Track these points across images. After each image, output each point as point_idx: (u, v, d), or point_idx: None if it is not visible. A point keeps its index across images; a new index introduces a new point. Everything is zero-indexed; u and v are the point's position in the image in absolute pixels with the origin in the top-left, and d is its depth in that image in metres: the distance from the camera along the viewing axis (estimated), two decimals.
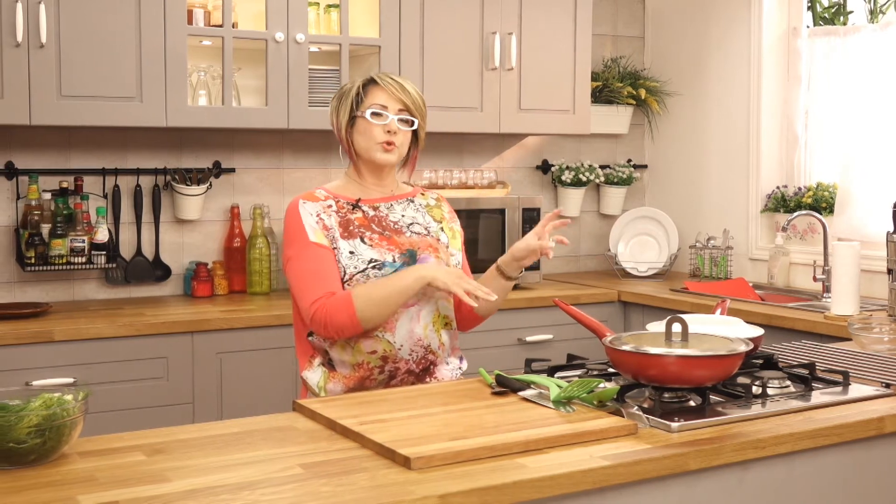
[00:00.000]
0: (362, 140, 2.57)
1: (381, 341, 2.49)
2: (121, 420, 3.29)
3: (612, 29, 5.11)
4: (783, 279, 4.43)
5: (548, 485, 1.74)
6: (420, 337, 2.53)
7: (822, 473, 2.11)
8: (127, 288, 4.02)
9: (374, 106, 2.55)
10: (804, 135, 4.58)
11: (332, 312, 2.42)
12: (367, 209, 2.60)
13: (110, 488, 1.66)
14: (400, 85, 2.57)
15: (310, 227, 2.52)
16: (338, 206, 2.57)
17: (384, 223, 2.58)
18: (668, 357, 2.10)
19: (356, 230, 2.54)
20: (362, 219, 2.57)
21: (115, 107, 3.60)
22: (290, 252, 2.53)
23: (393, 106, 2.56)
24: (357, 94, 2.56)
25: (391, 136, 2.55)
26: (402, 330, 2.51)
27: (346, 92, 2.60)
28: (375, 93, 2.56)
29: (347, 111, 2.57)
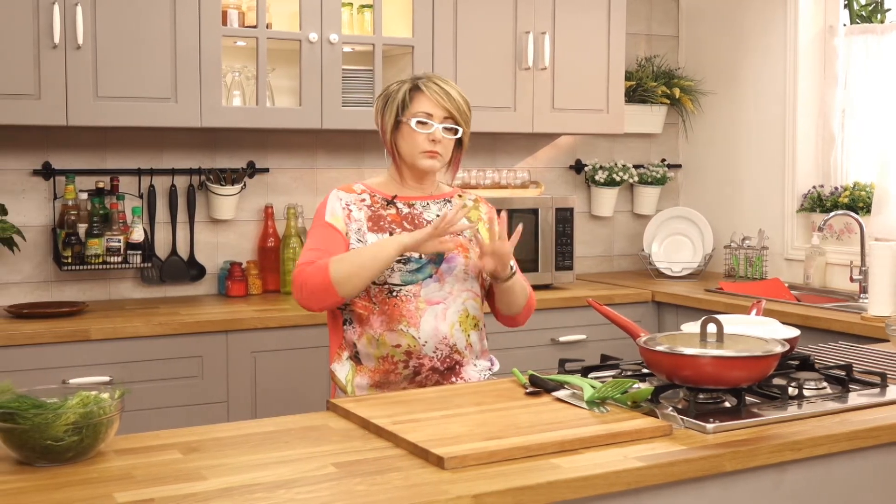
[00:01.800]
0: (406, 146, 2.59)
1: (406, 335, 2.51)
2: (156, 418, 3.31)
3: (646, 28, 5.08)
4: (819, 279, 4.38)
5: (582, 485, 1.73)
6: (445, 335, 2.55)
7: (860, 475, 2.09)
8: (162, 287, 4.05)
9: (419, 114, 2.55)
10: (840, 134, 4.53)
11: (310, 275, 2.46)
12: (402, 206, 2.62)
13: (146, 486, 1.67)
14: (445, 92, 2.57)
15: (330, 211, 2.58)
16: (372, 201, 2.61)
17: (417, 221, 2.61)
18: (703, 358, 2.09)
19: (387, 225, 2.57)
20: (395, 215, 2.60)
21: (150, 107, 3.63)
22: (308, 232, 2.62)
23: (438, 114, 2.56)
24: (403, 100, 2.57)
25: (435, 144, 2.57)
26: (426, 326, 2.52)
27: (392, 95, 2.60)
28: (421, 100, 2.57)
29: (393, 115, 2.58)
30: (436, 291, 2.55)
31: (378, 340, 2.53)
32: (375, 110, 2.66)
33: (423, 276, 2.54)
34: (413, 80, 2.62)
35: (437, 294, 2.54)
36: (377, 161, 4.41)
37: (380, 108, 2.63)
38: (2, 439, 1.77)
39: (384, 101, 2.62)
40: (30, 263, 3.84)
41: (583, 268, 4.86)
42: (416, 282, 2.53)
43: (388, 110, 2.60)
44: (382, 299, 2.53)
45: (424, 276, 2.54)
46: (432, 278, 2.54)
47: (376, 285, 2.53)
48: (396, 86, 2.62)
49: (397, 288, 2.52)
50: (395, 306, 2.52)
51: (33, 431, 1.74)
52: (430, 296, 2.54)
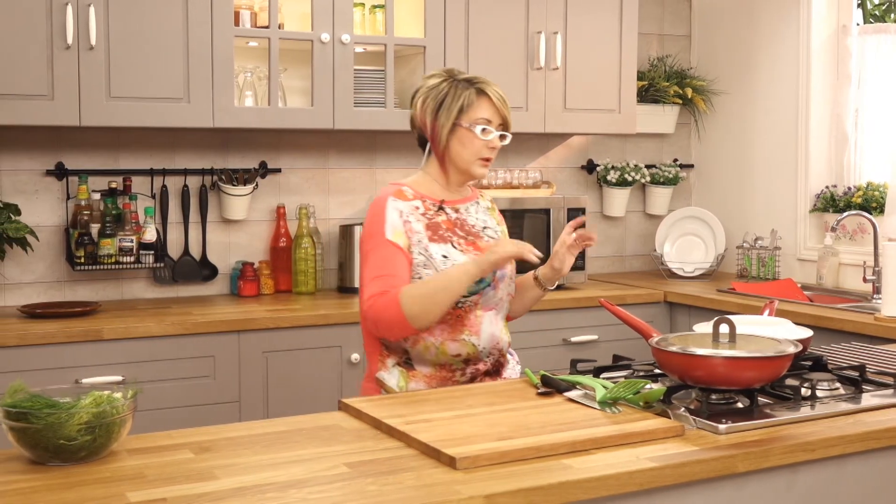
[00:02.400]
0: (463, 151, 2.53)
1: (467, 344, 2.50)
2: (168, 418, 3.32)
3: (658, 28, 5.07)
4: (832, 280, 4.37)
5: (594, 486, 1.73)
6: (498, 339, 2.56)
7: (873, 476, 2.08)
8: (174, 287, 4.06)
9: (481, 121, 2.51)
10: (854, 134, 4.52)
11: (381, 310, 2.40)
12: (450, 211, 2.58)
13: (159, 485, 1.68)
14: (503, 98, 2.54)
15: (390, 225, 2.47)
16: (424, 208, 2.55)
17: (466, 227, 2.58)
18: (715, 358, 2.08)
19: (445, 234, 2.53)
20: (448, 222, 2.56)
21: (162, 108, 3.64)
22: (366, 247, 2.50)
23: (496, 120, 2.54)
24: (465, 104, 2.50)
25: (492, 151, 2.54)
26: (485, 333, 2.52)
27: (449, 97, 2.51)
28: (484, 105, 2.52)
29: (451, 119, 2.50)
30: (491, 298, 2.55)
31: (438, 349, 2.49)
32: (423, 110, 2.55)
33: (485, 285, 2.52)
34: (470, 83, 2.54)
35: (493, 300, 2.55)
36: (388, 161, 4.41)
37: (431, 107, 2.53)
38: (15, 439, 1.78)
39: (438, 101, 2.52)
40: (43, 263, 3.85)
41: (595, 268, 4.85)
42: (478, 291, 2.51)
43: (444, 112, 2.51)
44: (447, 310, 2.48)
45: (485, 286, 2.52)
46: (490, 286, 2.53)
47: None
48: (448, 86, 2.53)
49: (462, 300, 2.49)
50: (459, 317, 2.50)
51: (46, 431, 1.75)
52: (487, 302, 2.54)
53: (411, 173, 4.52)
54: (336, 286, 4.26)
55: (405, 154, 4.45)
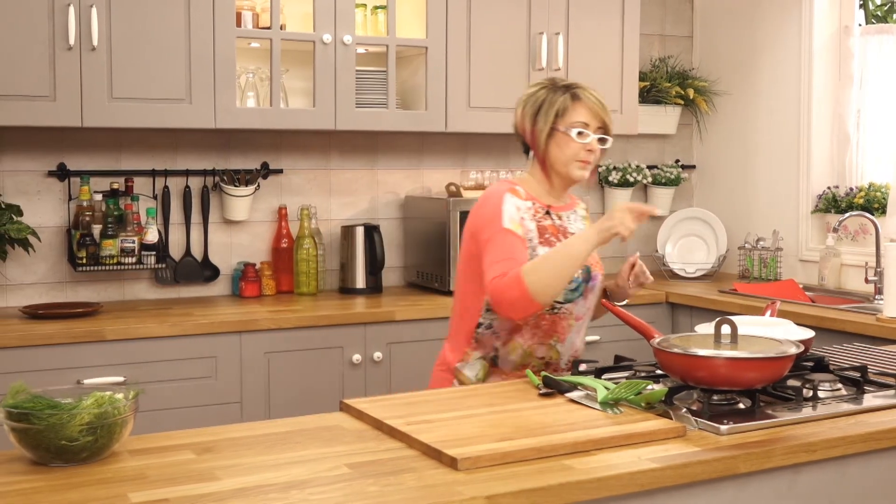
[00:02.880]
0: (561, 155, 2.57)
1: (553, 350, 2.58)
2: (170, 419, 3.31)
3: (659, 28, 5.07)
4: (834, 281, 4.37)
5: (595, 487, 1.73)
6: (577, 348, 2.65)
7: (875, 477, 2.08)
8: (176, 288, 4.06)
9: (577, 124, 2.55)
10: (856, 134, 4.52)
11: (504, 289, 2.40)
12: (555, 217, 2.63)
13: (160, 486, 1.68)
14: (601, 102, 2.58)
15: (507, 215, 2.51)
16: (534, 210, 2.59)
17: (567, 235, 2.61)
18: (717, 359, 2.08)
19: (551, 238, 2.57)
20: (552, 227, 2.60)
21: (164, 109, 3.64)
22: (483, 236, 2.52)
23: (593, 124, 2.57)
24: (560, 108, 2.55)
25: (589, 154, 2.57)
26: (569, 341, 2.60)
27: (546, 102, 2.57)
28: (579, 109, 2.56)
29: (549, 123, 2.55)
30: (581, 307, 2.61)
31: (525, 351, 2.56)
32: (522, 116, 2.61)
33: (578, 294, 2.58)
34: (567, 88, 2.59)
35: (581, 310, 2.61)
36: (390, 162, 4.41)
37: (530, 113, 2.59)
38: (17, 439, 1.78)
39: (535, 107, 2.58)
40: (45, 264, 3.85)
41: None
42: (573, 300, 2.57)
43: (542, 117, 2.56)
44: (543, 314, 2.53)
45: (579, 295, 2.58)
46: (582, 296, 2.60)
47: None
48: (546, 93, 2.58)
49: (558, 306, 2.54)
50: (553, 323, 2.56)
51: (48, 432, 1.75)
52: (578, 312, 2.60)
53: (412, 174, 4.55)
54: (338, 287, 4.26)
55: (407, 155, 4.45)
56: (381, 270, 4.21)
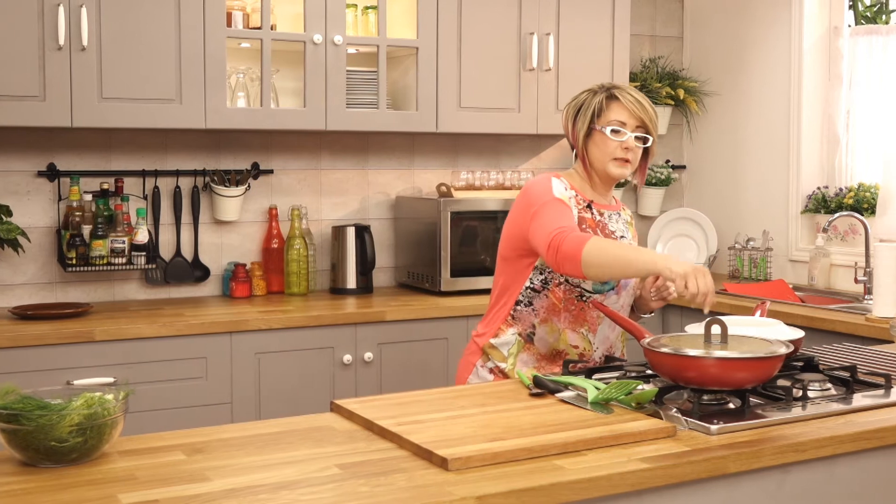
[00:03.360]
0: (598, 153, 2.64)
1: (585, 339, 2.64)
2: (160, 419, 3.31)
3: (650, 29, 5.08)
4: (824, 281, 4.38)
5: (586, 487, 1.73)
6: (612, 343, 2.70)
7: (864, 477, 2.09)
8: (166, 288, 4.05)
9: (613, 123, 2.61)
10: (845, 135, 4.53)
11: (567, 242, 2.43)
12: (596, 213, 2.69)
13: (151, 487, 1.67)
14: (639, 102, 2.63)
15: (557, 190, 2.59)
16: (577, 201, 2.65)
17: (606, 231, 2.68)
18: (707, 359, 2.09)
19: (587, 229, 2.63)
20: (591, 221, 2.66)
21: (154, 109, 3.63)
22: (535, 208, 2.57)
23: (631, 123, 2.63)
24: (597, 108, 2.63)
25: (627, 152, 2.62)
26: (601, 334, 2.66)
27: (585, 103, 2.66)
28: (615, 108, 2.63)
29: (586, 123, 2.64)
30: (614, 303, 2.65)
31: (560, 334, 2.63)
32: (566, 118, 2.71)
33: (608, 287, 2.63)
34: (607, 89, 2.67)
35: (615, 306, 2.65)
36: (381, 162, 4.41)
37: (571, 115, 2.69)
38: (6, 440, 1.78)
39: (576, 109, 2.68)
40: (34, 265, 3.84)
41: None
42: (603, 291, 2.62)
43: (581, 118, 2.65)
44: (572, 299, 2.62)
45: (609, 288, 2.63)
46: (613, 290, 2.64)
47: (570, 285, 2.61)
48: (587, 95, 2.68)
49: (588, 294, 2.61)
50: (582, 310, 2.62)
51: (37, 433, 1.74)
52: (610, 306, 2.63)
53: (403, 174, 4.55)
54: (328, 287, 4.26)
55: (398, 155, 4.45)
56: (372, 271, 4.21)
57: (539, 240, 2.51)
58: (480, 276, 4.14)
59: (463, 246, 4.11)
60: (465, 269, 4.11)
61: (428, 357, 3.83)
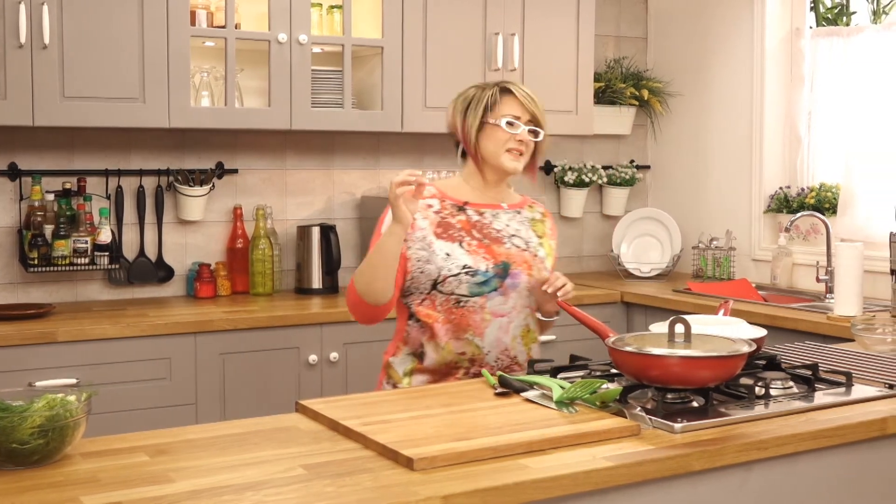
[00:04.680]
0: (492, 146, 2.63)
1: (471, 344, 2.58)
2: (124, 421, 3.29)
3: (614, 29, 5.11)
4: (786, 280, 4.42)
5: (550, 486, 1.74)
6: (507, 347, 2.62)
7: (825, 474, 2.11)
8: (130, 289, 4.02)
9: (507, 115, 2.61)
10: (807, 135, 4.57)
11: (348, 297, 2.57)
12: (472, 213, 2.66)
13: (113, 489, 1.66)
14: (531, 97, 2.65)
15: (387, 221, 2.54)
16: (441, 207, 2.64)
17: (486, 230, 2.64)
18: (671, 358, 2.10)
19: (456, 234, 2.61)
20: (465, 222, 2.63)
21: (117, 108, 3.60)
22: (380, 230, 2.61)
23: (524, 116, 2.63)
24: (489, 102, 2.62)
25: (521, 145, 2.62)
26: (490, 336, 2.59)
27: (476, 97, 2.65)
28: (509, 102, 2.63)
29: (478, 117, 2.62)
30: (500, 305, 2.60)
31: (443, 348, 2.58)
32: (453, 113, 2.69)
33: (489, 289, 2.58)
34: (499, 84, 2.66)
35: (502, 307, 2.60)
36: (346, 162, 4.40)
37: (460, 109, 2.66)
38: None
39: (465, 103, 2.66)
40: None
41: None
42: (482, 294, 2.58)
43: (471, 112, 2.63)
44: (449, 308, 2.57)
45: (490, 290, 2.58)
46: (497, 291, 2.59)
47: (443, 295, 2.57)
48: (476, 90, 2.67)
49: (465, 299, 2.57)
50: (463, 316, 2.57)
51: None
52: (495, 308, 2.60)
53: (369, 174, 4.54)
54: (294, 287, 4.25)
55: (363, 155, 4.45)
56: (338, 270, 4.20)
57: None
58: None
59: None
60: None
61: None
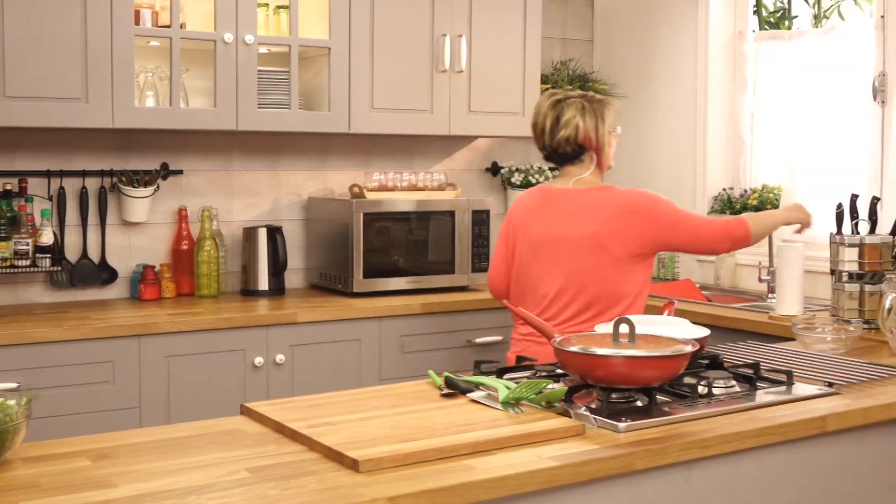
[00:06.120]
0: (611, 152, 3.14)
1: None
2: (66, 425, 3.24)
3: (561, 32, 5.14)
4: (729, 280, 4.48)
5: (496, 486, 1.74)
6: None
7: (767, 472, 2.14)
8: (72, 291, 3.97)
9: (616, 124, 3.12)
10: (750, 137, 4.64)
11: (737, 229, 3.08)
12: None
13: (54, 494, 1.64)
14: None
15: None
16: None
17: None
18: (615, 358, 2.12)
19: None
20: None
21: (60, 108, 3.56)
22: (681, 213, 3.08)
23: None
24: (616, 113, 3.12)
25: None
26: None
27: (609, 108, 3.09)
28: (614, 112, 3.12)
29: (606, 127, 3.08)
30: None
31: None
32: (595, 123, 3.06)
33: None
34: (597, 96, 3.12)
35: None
36: (293, 163, 4.38)
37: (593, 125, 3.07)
38: None
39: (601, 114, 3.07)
40: None
41: None
42: None
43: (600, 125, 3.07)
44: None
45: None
46: None
47: None
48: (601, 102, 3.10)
49: None
50: None
51: None
52: None
53: (316, 175, 4.52)
54: (240, 289, 4.22)
55: (310, 155, 4.43)
56: (284, 272, 4.18)
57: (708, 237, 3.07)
58: (393, 277, 4.14)
59: (375, 247, 4.11)
60: (377, 271, 4.11)
61: (340, 359, 3.82)
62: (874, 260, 3.31)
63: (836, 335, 2.92)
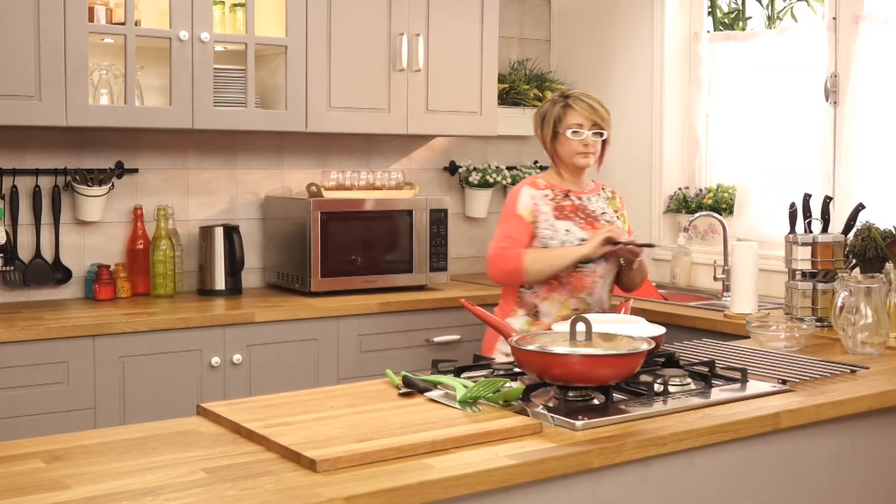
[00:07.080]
0: (564, 151, 3.26)
1: (584, 301, 3.21)
2: (19, 427, 3.21)
3: (518, 31, 5.15)
4: (685, 279, 4.52)
5: (453, 485, 1.75)
6: (603, 301, 3.27)
7: (722, 468, 2.17)
8: (25, 291, 3.92)
9: (572, 126, 3.23)
10: (705, 137, 4.68)
11: (506, 259, 3.15)
12: (575, 198, 3.28)
13: (7, 497, 1.62)
14: (591, 107, 3.25)
15: (522, 204, 3.22)
16: (553, 194, 3.25)
17: (587, 211, 3.27)
18: (572, 356, 2.13)
19: (570, 214, 3.23)
20: (572, 206, 3.25)
21: (12, 105, 3.51)
22: (501, 217, 3.26)
23: (587, 123, 3.24)
24: (557, 116, 3.24)
25: (587, 147, 3.25)
26: (596, 295, 3.24)
27: (547, 113, 3.27)
28: (571, 114, 3.24)
29: (551, 129, 3.26)
30: (604, 269, 3.23)
31: (563, 303, 3.19)
32: (535, 126, 3.33)
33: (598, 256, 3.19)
34: (563, 98, 3.27)
35: (604, 270, 3.23)
36: (249, 161, 4.36)
37: (538, 123, 3.31)
38: None
39: (541, 118, 3.29)
40: None
41: (457, 269, 4.89)
42: (594, 261, 3.19)
43: (546, 125, 3.27)
44: (569, 273, 3.17)
45: (599, 257, 3.19)
46: (602, 258, 3.20)
47: None
48: (549, 105, 3.29)
49: (581, 265, 3.18)
50: (580, 279, 3.19)
51: None
52: (602, 272, 3.22)
53: (273, 174, 4.51)
54: (196, 289, 4.19)
55: (266, 154, 4.41)
56: (241, 272, 4.16)
57: (489, 250, 3.22)
58: (351, 276, 4.13)
59: (333, 246, 4.09)
60: (335, 270, 4.10)
61: (298, 358, 3.81)
62: (827, 258, 3.35)
63: (790, 333, 2.96)
